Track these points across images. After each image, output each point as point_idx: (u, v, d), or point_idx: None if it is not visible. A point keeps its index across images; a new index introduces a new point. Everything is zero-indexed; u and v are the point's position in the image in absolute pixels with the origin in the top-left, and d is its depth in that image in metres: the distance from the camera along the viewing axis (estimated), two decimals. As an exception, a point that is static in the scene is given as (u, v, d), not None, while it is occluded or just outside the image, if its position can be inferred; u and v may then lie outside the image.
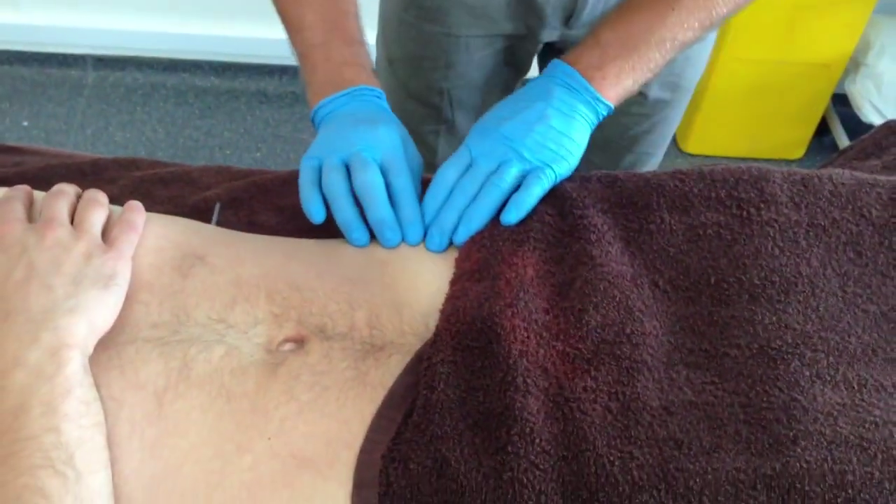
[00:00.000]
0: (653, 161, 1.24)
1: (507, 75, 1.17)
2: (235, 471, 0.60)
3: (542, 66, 1.21)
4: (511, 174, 0.76)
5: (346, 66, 0.85)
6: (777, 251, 0.72)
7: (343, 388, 0.63)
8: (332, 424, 0.62)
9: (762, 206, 0.75)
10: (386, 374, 0.65)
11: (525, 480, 0.57)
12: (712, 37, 1.13)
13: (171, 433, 0.60)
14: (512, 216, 0.74)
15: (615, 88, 0.81)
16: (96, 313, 0.61)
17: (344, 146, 0.78)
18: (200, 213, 0.94)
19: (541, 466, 0.58)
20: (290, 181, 0.97)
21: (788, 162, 2.30)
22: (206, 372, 0.63)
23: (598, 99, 0.81)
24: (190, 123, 2.28)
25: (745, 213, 0.74)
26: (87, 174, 0.98)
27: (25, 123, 2.26)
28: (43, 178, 0.97)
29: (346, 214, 0.76)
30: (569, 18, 1.03)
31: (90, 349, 0.60)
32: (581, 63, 0.81)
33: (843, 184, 0.77)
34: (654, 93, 1.11)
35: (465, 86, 1.13)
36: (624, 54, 0.81)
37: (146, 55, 2.42)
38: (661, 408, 0.62)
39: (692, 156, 2.29)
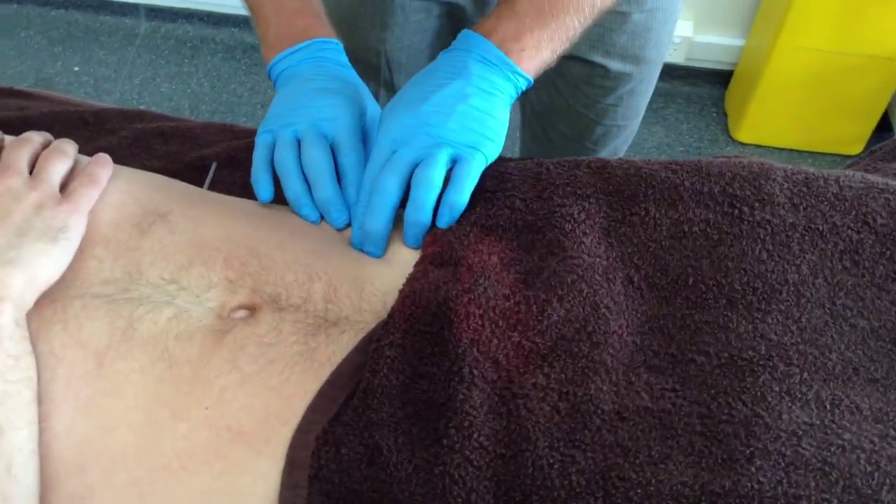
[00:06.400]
0: (625, 134, 1.20)
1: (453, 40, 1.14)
2: (168, 438, 0.58)
3: None
4: (439, 167, 0.70)
5: (297, 17, 0.82)
6: (765, 255, 0.67)
7: (289, 363, 0.61)
8: (272, 399, 0.60)
9: (756, 205, 0.70)
10: (336, 351, 0.63)
11: (457, 476, 0.55)
12: (675, 9, 1.08)
13: (108, 393, 0.59)
14: (445, 220, 0.70)
15: (534, 61, 0.75)
16: (38, 266, 0.60)
17: (297, 119, 0.76)
18: (196, 170, 0.93)
19: (475, 463, 0.56)
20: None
21: (845, 157, 2.21)
22: (151, 334, 0.61)
23: (517, 73, 0.74)
24: (235, 79, 2.28)
25: (736, 211, 0.70)
26: (88, 123, 0.98)
27: (76, 69, 2.29)
28: (45, 123, 0.97)
29: (295, 192, 0.74)
30: None
31: (28, 303, 0.59)
32: (497, 34, 0.75)
33: (849, 187, 0.72)
34: (616, 66, 1.07)
35: (405, 48, 1.09)
36: (542, 25, 0.75)
37: (198, 8, 2.43)
38: (614, 412, 0.59)
39: (743, 144, 2.21)
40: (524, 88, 0.76)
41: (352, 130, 0.76)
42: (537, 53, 0.75)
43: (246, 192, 0.93)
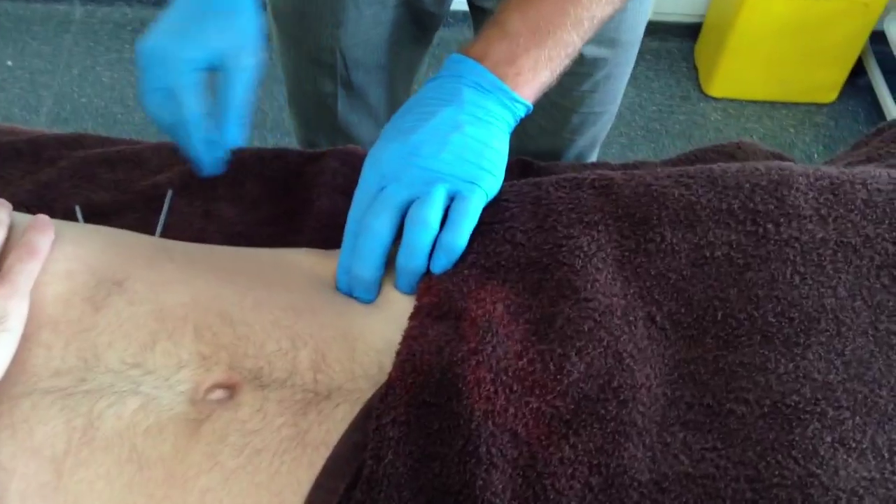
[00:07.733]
0: (604, 119, 1.12)
1: (414, 31, 1.05)
2: None
3: (474, 19, 1.09)
4: (436, 206, 0.62)
5: None
6: (797, 279, 0.61)
7: (277, 451, 0.54)
8: (261, 497, 0.52)
9: (782, 220, 0.63)
10: (330, 430, 0.55)
11: (483, 578, 0.48)
12: None
13: None
14: (441, 264, 0.62)
15: (531, 85, 0.68)
16: None
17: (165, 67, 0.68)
18: (149, 200, 0.84)
19: (502, 560, 0.49)
20: (250, 165, 0.87)
21: (820, 106, 2.15)
22: (116, 431, 0.53)
23: (514, 99, 0.67)
24: (181, 63, 2.16)
25: (761, 229, 0.63)
26: (23, 154, 0.88)
27: (9, 63, 2.15)
28: (-25, 160, 0.87)
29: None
30: None
31: None
32: (490, 59, 0.67)
33: (878, 190, 0.66)
34: (591, 51, 0.99)
35: (360, 44, 1.00)
36: (537, 44, 0.67)
37: (136, -12, 2.29)
38: (652, 482, 0.52)
39: (716, 99, 2.15)
40: (522, 115, 0.69)
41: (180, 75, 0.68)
42: (535, 76, 0.68)
43: (208, 220, 0.84)
